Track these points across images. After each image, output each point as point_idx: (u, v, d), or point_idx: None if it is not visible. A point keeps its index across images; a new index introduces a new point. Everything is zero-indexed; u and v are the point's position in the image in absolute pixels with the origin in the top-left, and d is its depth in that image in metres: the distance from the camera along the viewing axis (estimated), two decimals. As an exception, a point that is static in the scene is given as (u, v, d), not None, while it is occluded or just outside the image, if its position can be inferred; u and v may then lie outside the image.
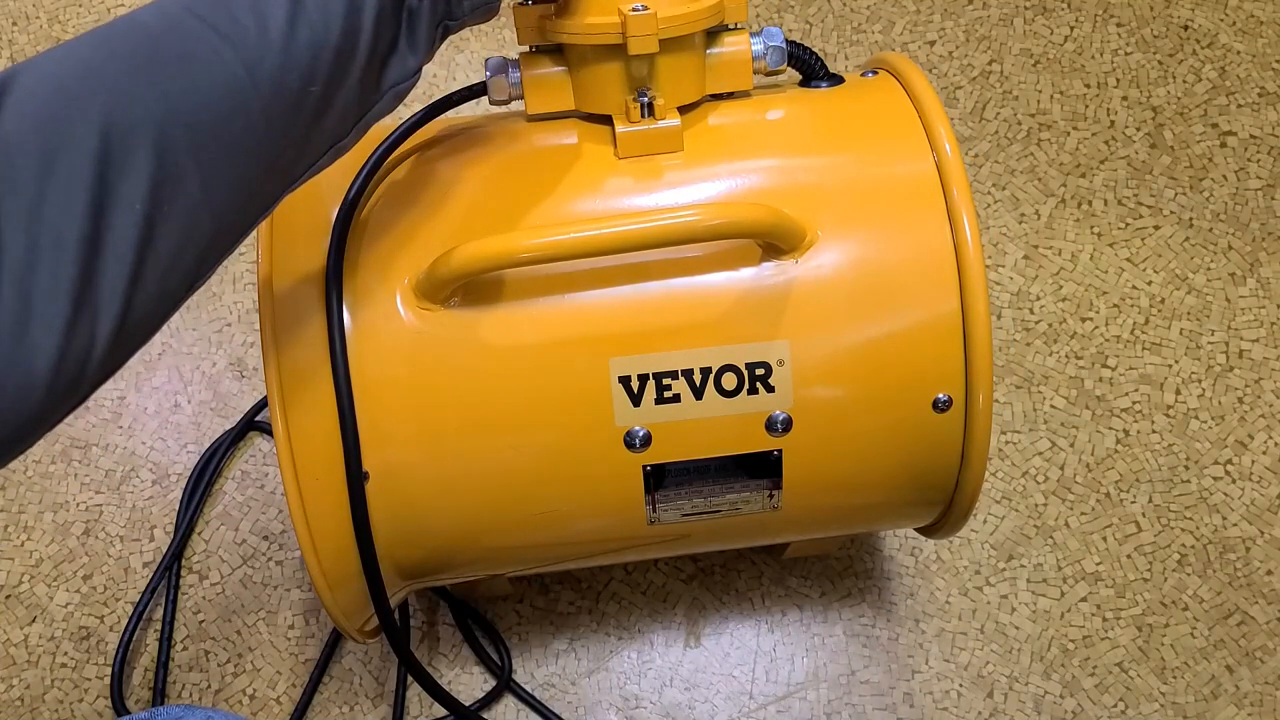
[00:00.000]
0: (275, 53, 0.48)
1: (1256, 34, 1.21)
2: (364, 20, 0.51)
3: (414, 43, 0.55)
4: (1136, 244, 1.11)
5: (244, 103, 0.47)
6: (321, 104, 0.50)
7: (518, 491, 0.67)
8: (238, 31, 0.47)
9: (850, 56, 1.20)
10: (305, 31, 0.49)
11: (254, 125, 0.47)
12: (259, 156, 0.48)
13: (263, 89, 0.47)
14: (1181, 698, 0.94)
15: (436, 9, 0.56)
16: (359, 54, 0.52)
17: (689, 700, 0.94)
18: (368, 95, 0.54)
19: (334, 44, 0.50)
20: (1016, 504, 1.01)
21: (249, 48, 0.47)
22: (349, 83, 0.52)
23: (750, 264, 0.64)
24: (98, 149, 0.42)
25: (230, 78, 0.46)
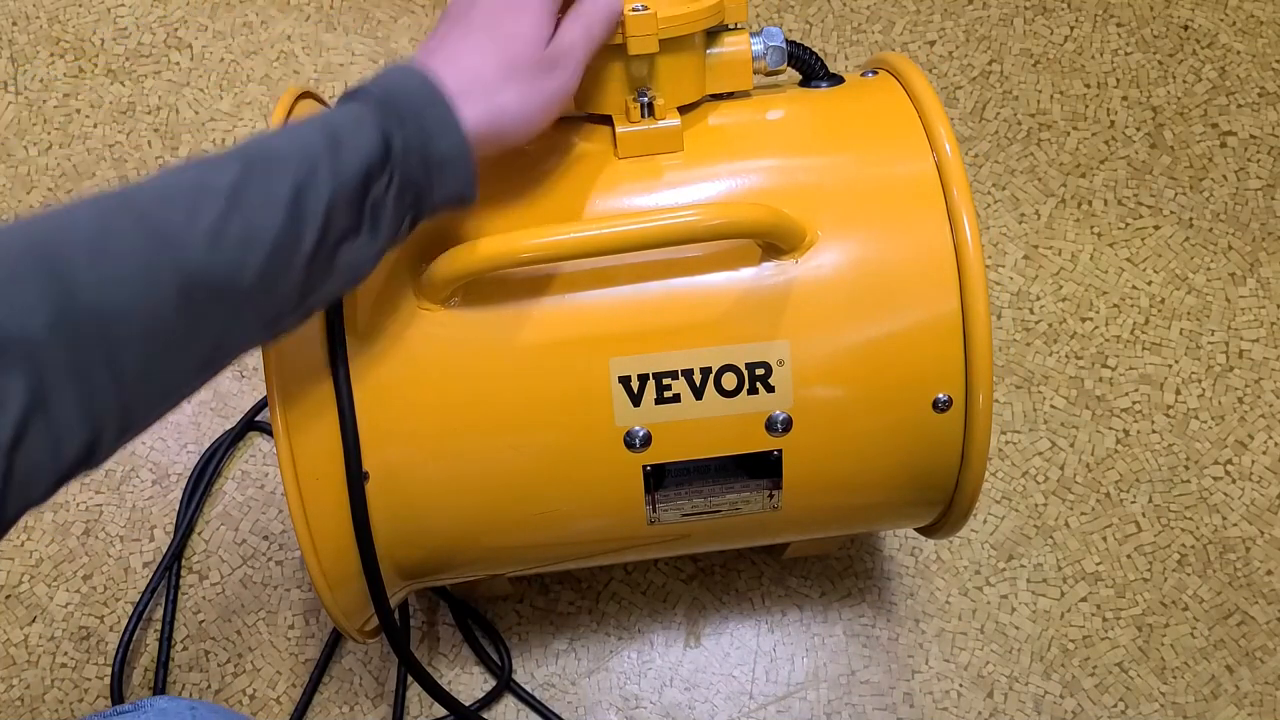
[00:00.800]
0: (201, 241, 0.47)
1: (1256, 34, 1.21)
2: (308, 212, 0.50)
3: (376, 230, 0.54)
4: (1136, 244, 1.11)
5: (159, 290, 0.46)
6: (255, 289, 0.49)
7: (518, 491, 0.67)
8: (165, 219, 0.47)
9: (850, 56, 1.20)
10: (238, 221, 0.48)
11: (166, 312, 0.46)
12: (174, 340, 0.47)
13: (184, 277, 0.46)
14: (1181, 698, 0.94)
15: (404, 201, 0.55)
16: (303, 245, 0.50)
17: (689, 700, 0.94)
18: (315, 278, 0.52)
19: (271, 234, 0.49)
20: (1016, 504, 1.01)
21: (171, 234, 0.47)
22: (291, 268, 0.50)
23: (750, 264, 0.64)
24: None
25: (145, 266, 0.46)
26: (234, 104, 1.18)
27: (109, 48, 1.21)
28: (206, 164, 0.50)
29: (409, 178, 0.54)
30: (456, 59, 0.57)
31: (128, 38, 1.21)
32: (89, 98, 1.18)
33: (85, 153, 1.16)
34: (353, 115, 0.54)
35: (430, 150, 0.55)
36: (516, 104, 0.58)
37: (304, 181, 0.50)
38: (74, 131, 1.17)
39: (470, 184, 0.57)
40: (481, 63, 0.57)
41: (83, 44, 1.21)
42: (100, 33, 1.21)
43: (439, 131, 0.55)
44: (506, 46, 0.58)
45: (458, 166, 0.56)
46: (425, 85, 0.55)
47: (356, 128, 0.53)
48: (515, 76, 0.58)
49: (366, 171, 0.52)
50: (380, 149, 0.53)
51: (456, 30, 0.59)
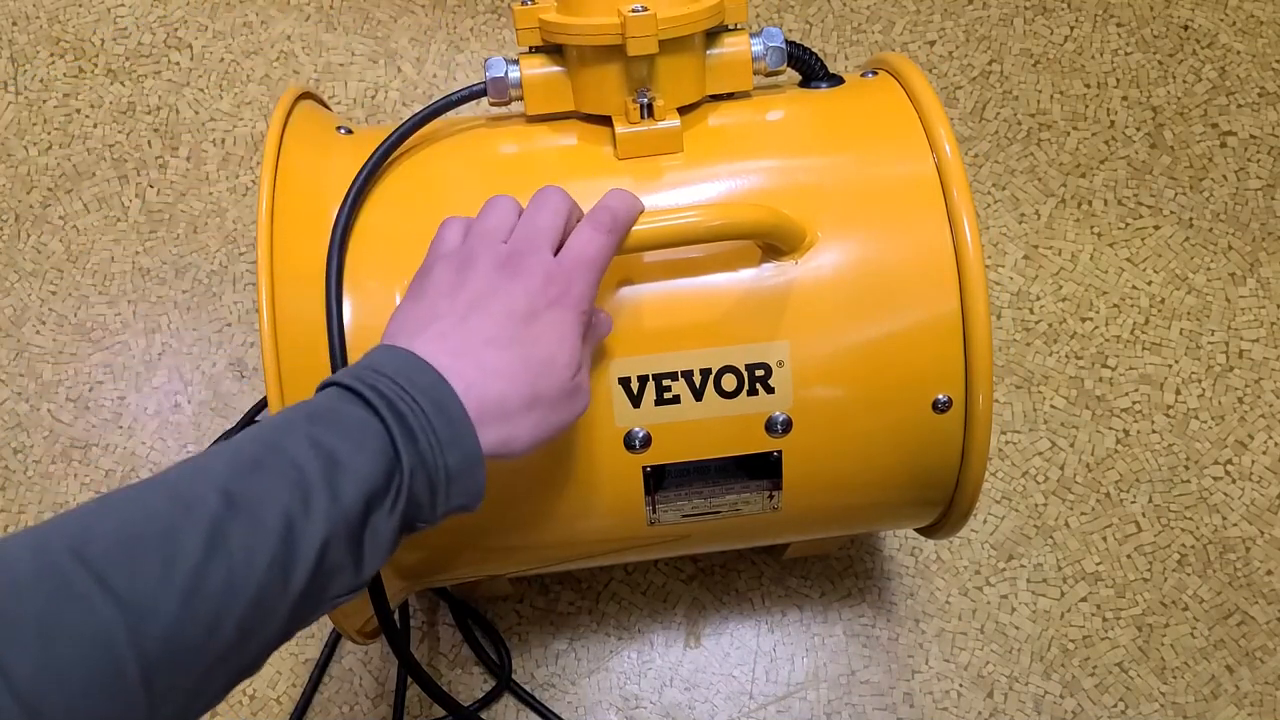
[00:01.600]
0: (171, 605, 0.40)
1: (1256, 34, 1.20)
2: (300, 550, 0.43)
3: (375, 556, 0.47)
4: (1136, 244, 1.11)
5: (113, 672, 0.39)
6: (230, 647, 0.42)
7: (517, 492, 0.67)
8: (131, 580, 0.40)
9: (850, 56, 1.20)
10: (220, 571, 0.41)
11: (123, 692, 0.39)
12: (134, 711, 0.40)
13: (147, 649, 0.39)
14: (1181, 698, 0.94)
15: (405, 522, 0.49)
16: (292, 585, 0.43)
17: (689, 700, 0.94)
18: (300, 617, 0.45)
19: (256, 580, 0.42)
20: (1016, 504, 1.01)
21: (136, 603, 0.39)
22: (275, 614, 0.43)
23: (750, 265, 0.64)
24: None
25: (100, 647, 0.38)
26: (234, 104, 1.18)
27: (109, 48, 1.21)
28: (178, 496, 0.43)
29: (414, 496, 0.48)
30: (482, 374, 0.51)
31: (128, 38, 1.21)
32: (89, 98, 1.18)
33: (85, 153, 1.16)
34: (355, 424, 0.47)
35: (441, 466, 0.48)
36: (530, 434, 0.52)
37: (295, 518, 0.43)
38: (74, 131, 1.17)
39: (478, 495, 0.51)
40: (509, 390, 0.51)
41: (83, 44, 1.21)
42: (100, 33, 1.21)
43: (453, 446, 0.49)
44: (540, 377, 0.52)
45: (468, 479, 0.50)
46: (442, 396, 0.49)
47: (359, 442, 0.46)
48: (539, 406, 0.52)
49: (369, 498, 0.46)
50: (387, 470, 0.47)
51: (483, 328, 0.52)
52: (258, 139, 1.16)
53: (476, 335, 0.52)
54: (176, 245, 1.12)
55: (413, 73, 1.19)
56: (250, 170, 1.15)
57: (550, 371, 0.53)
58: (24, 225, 1.13)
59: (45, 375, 1.07)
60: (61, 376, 1.07)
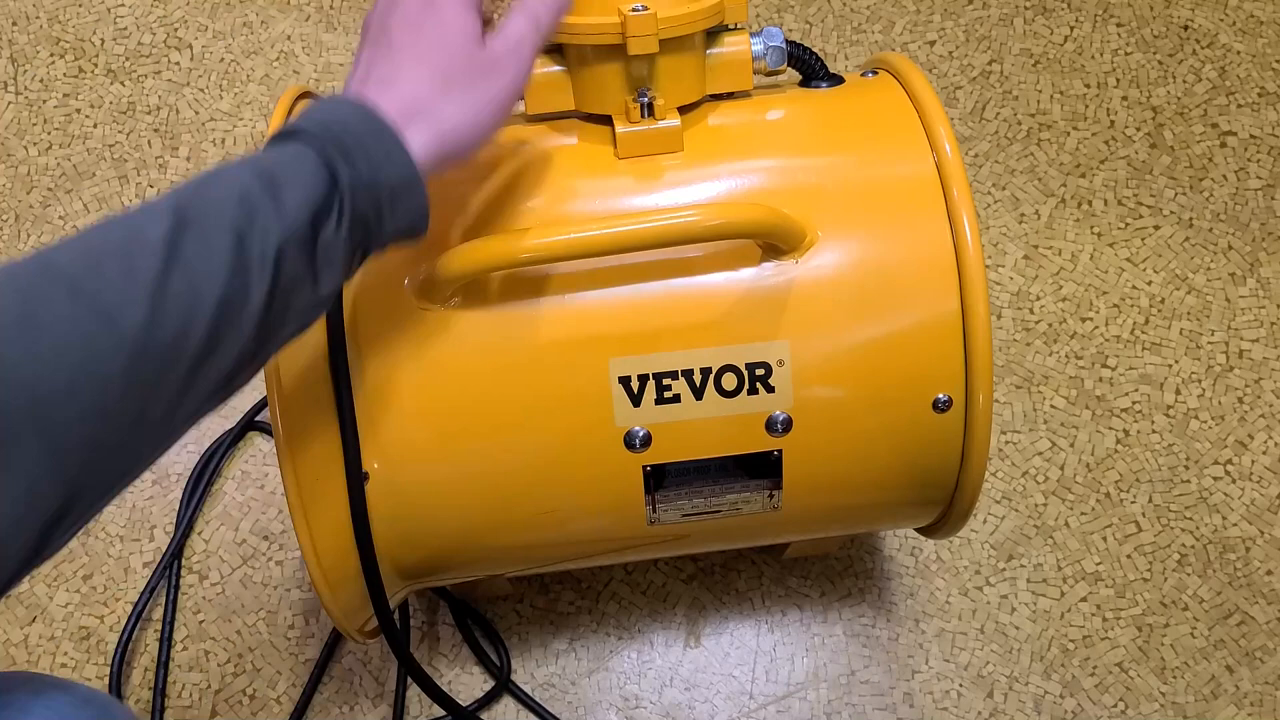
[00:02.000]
0: (141, 305, 0.43)
1: (1256, 34, 1.21)
2: (254, 262, 0.47)
3: (331, 271, 0.51)
4: (1136, 244, 1.11)
5: (99, 364, 0.42)
6: (205, 350, 0.46)
7: (518, 492, 0.67)
8: (98, 285, 0.43)
9: (850, 56, 1.20)
10: (180, 278, 0.44)
11: (110, 386, 0.42)
12: (121, 415, 0.43)
13: (125, 347, 0.43)
14: (1181, 698, 0.94)
15: (355, 239, 0.51)
16: (252, 295, 0.47)
17: (689, 700, 0.94)
18: (270, 329, 0.49)
19: (218, 289, 0.45)
20: (1016, 504, 1.01)
21: (108, 302, 0.43)
22: (243, 323, 0.47)
23: (750, 264, 0.64)
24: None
25: (82, 339, 0.42)
26: (234, 104, 1.18)
27: (109, 48, 1.21)
28: (131, 221, 0.46)
29: (359, 214, 0.51)
30: (389, 83, 0.54)
31: (128, 38, 1.21)
32: (89, 98, 1.18)
33: (85, 153, 1.16)
34: (289, 153, 0.50)
35: (379, 182, 0.51)
36: (460, 116, 0.55)
37: (244, 229, 0.47)
38: (74, 131, 1.17)
39: (422, 215, 0.54)
40: (415, 81, 0.54)
41: (83, 44, 1.21)
42: (100, 33, 1.21)
43: (386, 162, 0.51)
44: (435, 57, 0.55)
45: (409, 197, 0.53)
46: (364, 115, 0.52)
47: (297, 166, 0.50)
48: (453, 86, 0.55)
49: (314, 212, 0.49)
50: (326, 186, 0.50)
51: (380, 52, 0.56)
52: (258, 139, 1.16)
53: (376, 59, 0.55)
54: (176, 245, 1.12)
55: (413, 73, 1.19)
56: (250, 170, 1.15)
57: (444, 45, 0.55)
58: (24, 225, 1.13)
59: (45, 375, 1.07)
60: (61, 376, 1.07)
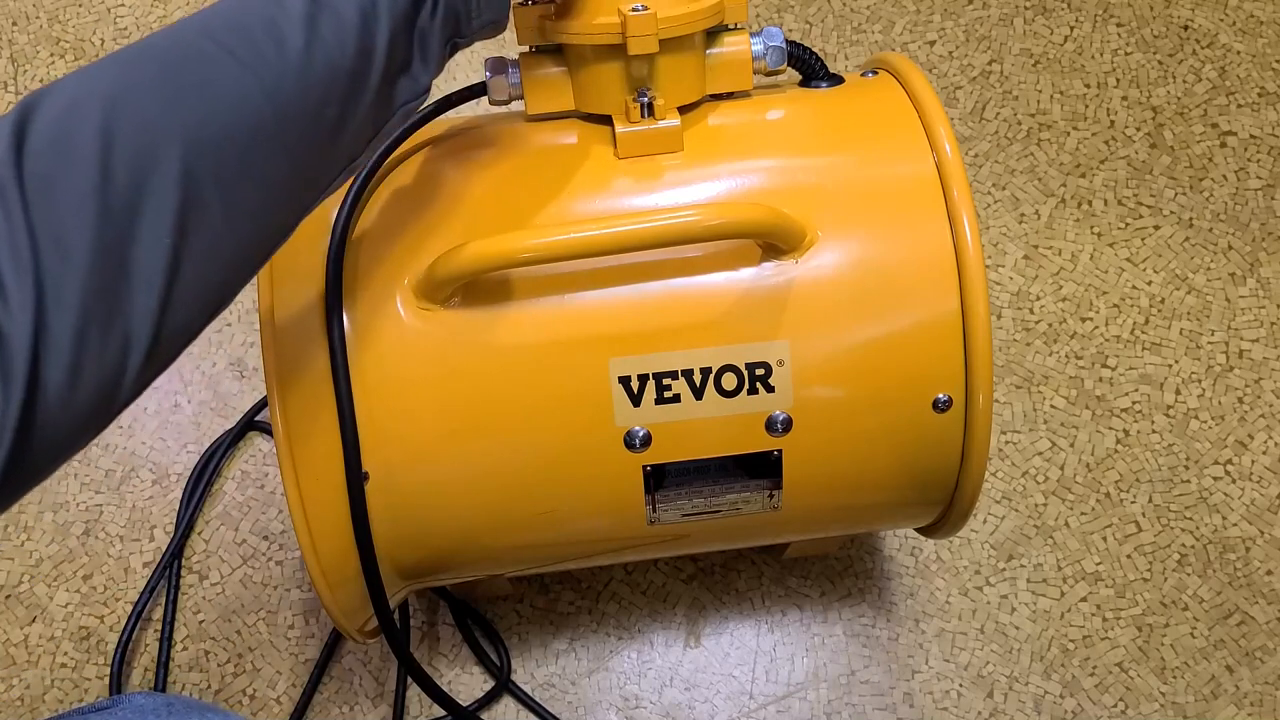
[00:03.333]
0: (293, 76, 0.48)
1: (1256, 34, 1.21)
2: (377, 41, 0.51)
3: (425, 60, 0.55)
4: (1136, 244, 1.11)
5: (263, 127, 0.46)
6: (338, 125, 0.50)
7: (518, 492, 0.67)
8: (255, 55, 0.47)
9: (850, 56, 1.20)
10: (321, 53, 0.49)
11: (274, 150, 0.47)
12: (279, 181, 0.48)
13: (281, 113, 0.47)
14: (1181, 698, 0.94)
15: (446, 28, 0.56)
16: (373, 74, 0.51)
17: (689, 700, 0.94)
18: (381, 113, 0.53)
19: (349, 65, 0.50)
20: (1016, 504, 1.01)
21: (267, 71, 0.47)
22: (364, 102, 0.51)
23: (750, 264, 0.64)
24: (127, 182, 0.42)
25: (250, 103, 0.46)
26: (234, 104, 1.18)
27: (109, 48, 1.21)
28: None
29: (450, 7, 0.55)
30: None
31: (128, 38, 1.21)
32: (89, 98, 1.18)
33: (85, 153, 1.16)
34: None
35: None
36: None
37: (367, 7, 0.51)
38: (74, 131, 1.17)
39: (504, 6, 0.58)
40: None
41: (83, 44, 1.21)
42: (100, 33, 1.21)
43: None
44: None
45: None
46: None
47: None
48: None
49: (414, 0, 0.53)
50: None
51: None
52: (258, 139, 1.16)
53: None
54: (176, 245, 1.12)
55: (413, 73, 1.19)
56: (250, 170, 1.15)
57: None
58: (24, 225, 1.13)
59: (45, 375, 1.07)
60: (61, 376, 1.07)
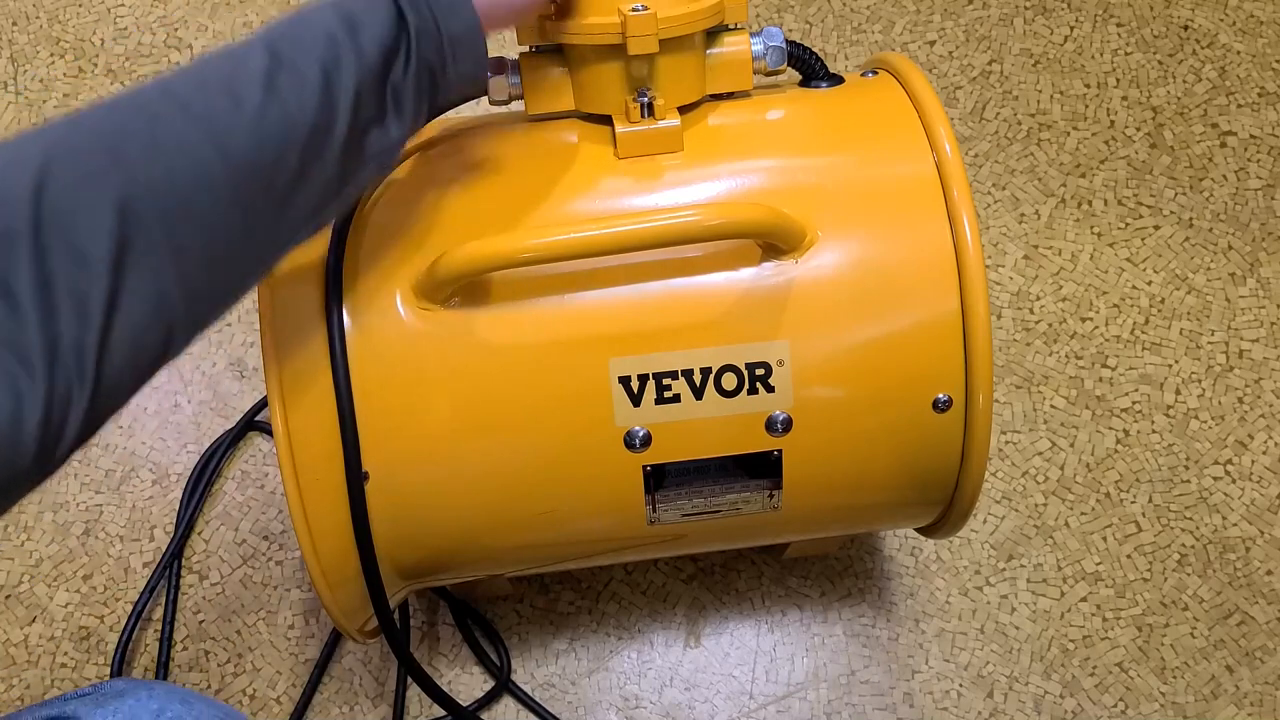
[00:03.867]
0: (245, 129, 0.48)
1: (1256, 34, 1.21)
2: (340, 98, 0.51)
3: (400, 113, 0.55)
4: (1136, 244, 1.11)
5: (211, 175, 0.47)
6: (298, 176, 0.50)
7: (518, 492, 0.67)
8: (207, 109, 0.48)
9: (850, 56, 1.20)
10: (277, 108, 0.49)
11: (223, 197, 0.47)
12: (232, 227, 0.48)
13: (232, 163, 0.47)
14: (1181, 698, 0.94)
15: (421, 81, 0.55)
16: (336, 129, 0.51)
17: (689, 700, 0.94)
18: (349, 165, 0.53)
19: (309, 120, 0.50)
20: (1016, 504, 1.01)
21: (218, 123, 0.47)
22: (328, 155, 0.51)
23: (750, 264, 0.64)
24: (61, 216, 0.43)
25: (196, 152, 0.46)
26: (234, 104, 1.18)
27: (109, 48, 1.21)
28: (233, 54, 0.50)
29: (425, 59, 0.55)
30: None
31: (128, 38, 1.21)
32: (89, 98, 1.18)
33: (85, 153, 1.16)
34: None
35: (443, 29, 0.55)
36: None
37: (330, 66, 0.51)
38: (74, 131, 1.17)
39: (483, 63, 0.58)
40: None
41: (83, 44, 1.21)
42: (100, 33, 1.21)
43: (450, 13, 0.55)
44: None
45: (470, 45, 0.57)
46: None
47: (370, 9, 0.53)
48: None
49: (385, 54, 0.53)
50: (396, 29, 0.53)
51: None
52: (258, 139, 1.16)
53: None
54: (176, 245, 1.12)
55: (413, 73, 1.19)
56: (250, 170, 1.15)
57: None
58: (24, 225, 1.13)
59: (45, 375, 1.07)
60: (61, 376, 1.07)
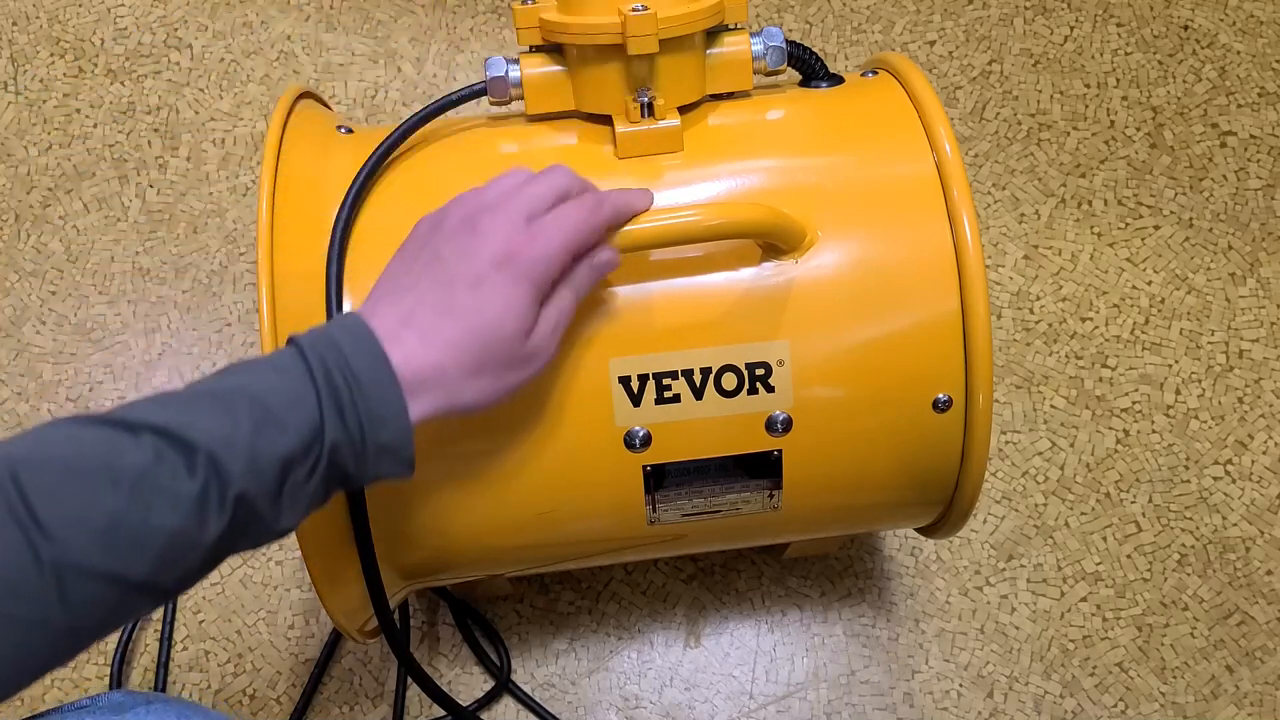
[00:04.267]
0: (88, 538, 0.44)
1: (1256, 34, 1.21)
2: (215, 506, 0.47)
3: (294, 511, 0.50)
4: (1136, 244, 1.11)
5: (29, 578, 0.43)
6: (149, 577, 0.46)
7: (518, 492, 0.66)
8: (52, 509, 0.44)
9: (850, 56, 1.20)
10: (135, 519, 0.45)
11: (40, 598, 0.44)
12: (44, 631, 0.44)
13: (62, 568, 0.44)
14: (1181, 698, 0.94)
15: (329, 484, 0.51)
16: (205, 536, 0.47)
17: (689, 700, 0.94)
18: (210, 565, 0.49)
19: (168, 532, 0.46)
20: (1016, 504, 1.01)
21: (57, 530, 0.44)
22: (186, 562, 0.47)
23: (750, 264, 0.64)
24: None
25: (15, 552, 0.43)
26: (234, 104, 1.18)
27: (109, 48, 1.21)
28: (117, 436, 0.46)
29: (337, 466, 0.51)
30: (424, 340, 0.53)
31: (128, 38, 1.21)
32: (89, 98, 1.18)
33: (85, 153, 1.16)
34: (293, 393, 0.50)
35: (369, 440, 0.51)
36: (477, 397, 0.54)
37: (217, 466, 0.47)
38: (74, 131, 1.17)
39: (407, 466, 0.53)
40: (453, 358, 0.53)
41: (83, 44, 1.21)
42: (100, 33, 1.21)
43: (383, 425, 0.51)
44: (487, 341, 0.53)
45: (397, 453, 0.52)
46: (379, 370, 0.51)
47: (292, 406, 0.49)
48: (484, 373, 0.54)
49: (285, 463, 0.49)
50: (307, 443, 0.49)
51: (433, 294, 0.54)
52: (258, 139, 1.16)
53: (425, 301, 0.54)
54: (176, 245, 1.12)
55: (413, 73, 1.19)
56: (250, 170, 1.15)
57: (497, 339, 0.54)
58: (24, 225, 1.13)
59: (45, 375, 1.07)
60: (61, 376, 1.07)
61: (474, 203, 0.57)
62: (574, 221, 0.56)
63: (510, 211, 0.55)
